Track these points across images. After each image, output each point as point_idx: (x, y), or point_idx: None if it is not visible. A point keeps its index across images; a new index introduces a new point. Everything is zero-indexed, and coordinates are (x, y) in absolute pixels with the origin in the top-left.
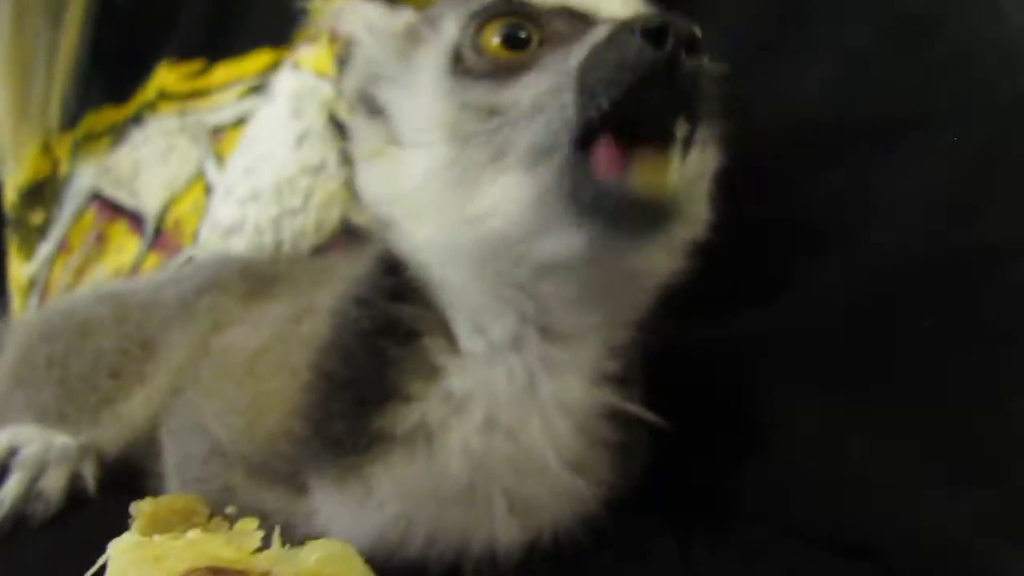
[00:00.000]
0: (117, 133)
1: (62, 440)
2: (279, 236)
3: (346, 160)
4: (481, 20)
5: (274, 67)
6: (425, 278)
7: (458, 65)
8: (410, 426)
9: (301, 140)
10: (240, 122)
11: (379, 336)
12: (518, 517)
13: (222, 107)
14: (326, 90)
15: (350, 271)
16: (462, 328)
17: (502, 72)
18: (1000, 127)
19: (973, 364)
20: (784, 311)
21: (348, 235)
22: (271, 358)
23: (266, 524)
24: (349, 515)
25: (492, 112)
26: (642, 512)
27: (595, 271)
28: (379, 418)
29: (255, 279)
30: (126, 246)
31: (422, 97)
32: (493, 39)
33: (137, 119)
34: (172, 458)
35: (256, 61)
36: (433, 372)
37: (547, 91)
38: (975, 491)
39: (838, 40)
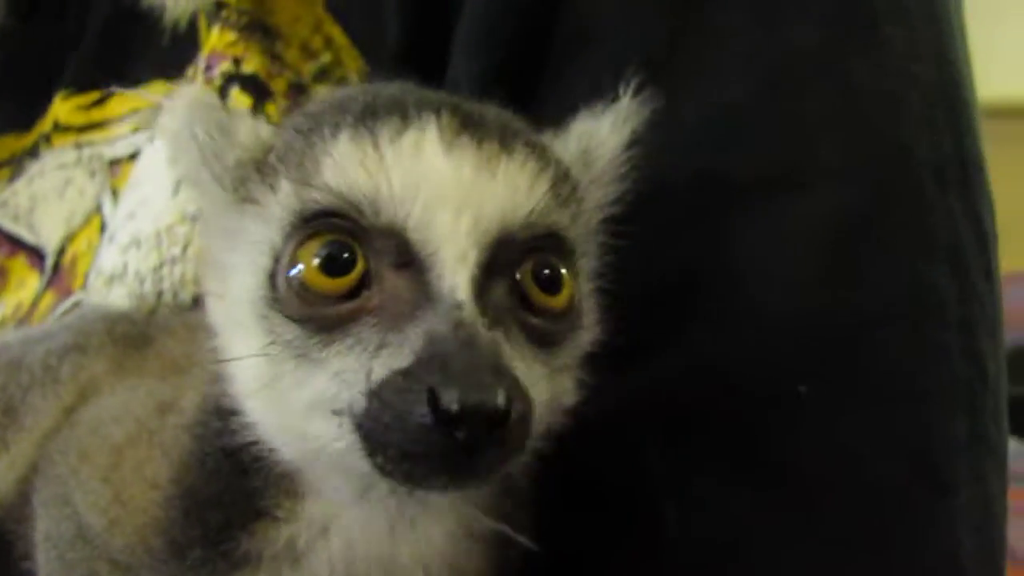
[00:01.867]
0: (16, 164)
1: None
2: (160, 286)
3: None
4: (303, 236)
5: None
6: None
7: (272, 292)
8: (277, 547)
9: (179, 186)
10: (134, 156)
11: (242, 452)
12: None
13: (118, 139)
14: None
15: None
16: (306, 481)
17: (314, 316)
18: (880, 182)
19: (843, 432)
20: (656, 373)
21: None
22: (134, 457)
23: None
24: None
25: (299, 366)
26: None
27: None
28: (245, 538)
29: (124, 343)
30: (27, 281)
31: (237, 289)
32: (313, 259)
33: (33, 151)
34: (42, 529)
35: (151, 93)
36: (298, 494)
37: (337, 405)
38: (852, 558)
39: (710, 90)
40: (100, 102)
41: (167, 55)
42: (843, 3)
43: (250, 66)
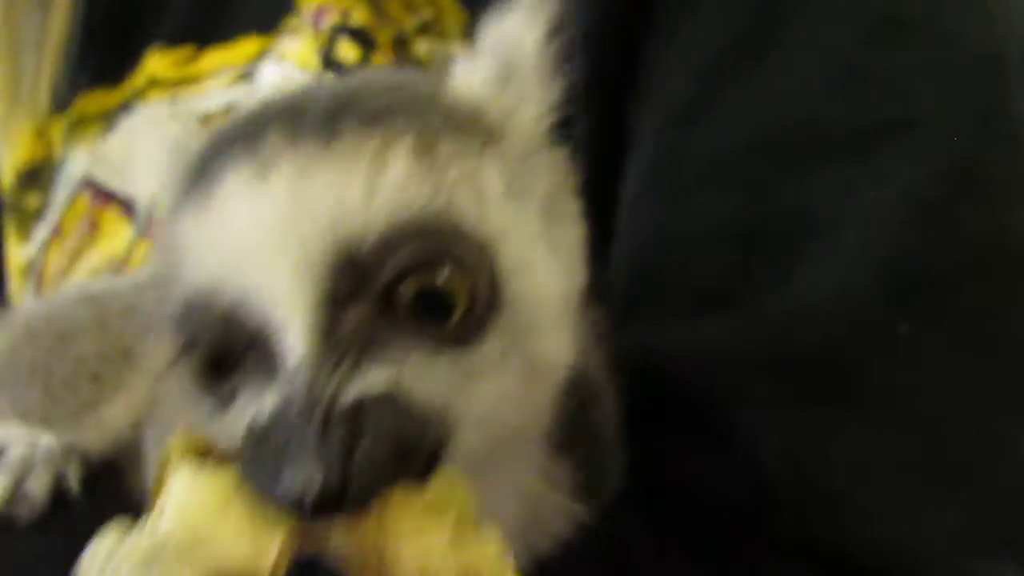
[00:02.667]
0: (108, 119)
1: (46, 441)
2: None
3: None
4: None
5: (262, 55)
6: None
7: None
8: None
9: None
10: (229, 110)
11: None
12: None
13: (211, 94)
14: None
15: None
16: None
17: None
18: (978, 134)
19: (948, 372)
20: (757, 318)
21: None
22: None
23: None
24: None
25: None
26: (619, 519)
27: None
28: None
29: None
30: (119, 232)
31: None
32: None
33: (127, 106)
34: (153, 464)
35: (245, 48)
36: None
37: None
38: (949, 503)
39: (812, 42)
40: (193, 57)
41: (261, 9)
42: None
43: (358, 18)
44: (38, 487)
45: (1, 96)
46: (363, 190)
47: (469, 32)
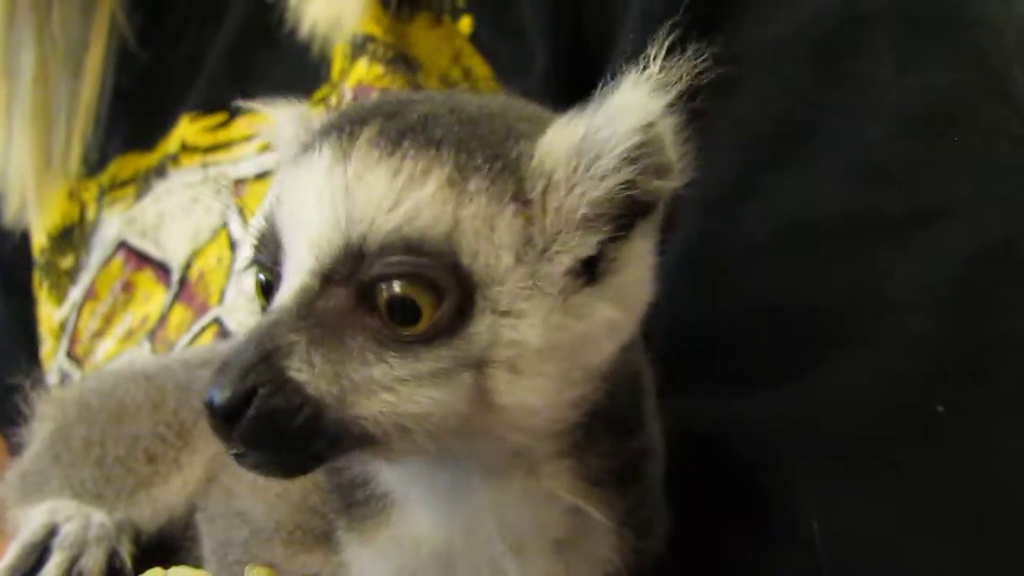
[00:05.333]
0: (141, 182)
1: (99, 518)
2: None
3: None
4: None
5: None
6: None
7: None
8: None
9: None
10: (261, 175)
11: None
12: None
13: (243, 160)
14: None
15: None
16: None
17: None
18: (1015, 216)
19: (984, 452)
20: (798, 396)
21: None
22: None
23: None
24: (371, 565)
25: None
26: None
27: None
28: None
29: None
30: (152, 295)
31: None
32: (258, 285)
33: (160, 170)
34: (210, 542)
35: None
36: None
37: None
38: (1002, 568)
39: (851, 130)
40: (225, 124)
41: (293, 78)
42: (977, 52)
43: None
44: (92, 565)
45: (33, 159)
46: (393, 199)
47: None
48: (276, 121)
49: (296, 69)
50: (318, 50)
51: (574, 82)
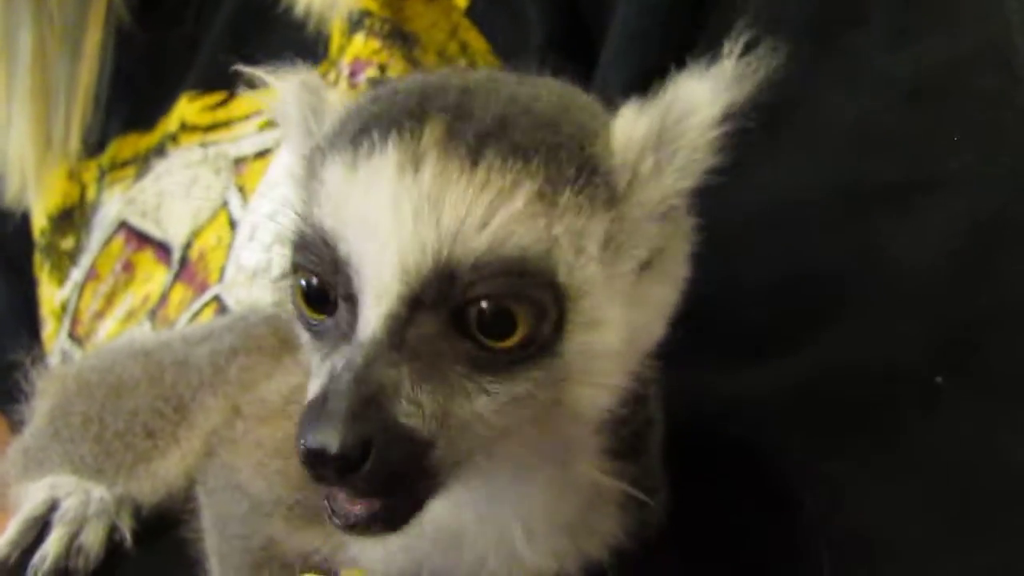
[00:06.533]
0: (141, 163)
1: (99, 493)
2: None
3: None
4: (293, 282)
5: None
6: None
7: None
8: None
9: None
10: (261, 154)
11: None
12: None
13: (243, 138)
14: None
15: None
16: None
17: (310, 327)
18: (1012, 187)
19: (982, 423)
20: (796, 370)
21: None
22: (303, 395)
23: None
24: (374, 544)
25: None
26: (653, 565)
27: None
28: None
29: (287, 335)
30: (153, 275)
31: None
32: (300, 285)
33: (160, 150)
34: (210, 515)
35: (275, 94)
36: None
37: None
38: (982, 552)
39: (849, 104)
40: (225, 103)
41: (291, 56)
42: (976, 21)
43: (395, 72)
44: (93, 540)
45: (33, 141)
46: (483, 217)
47: None
48: (281, 95)
49: (294, 47)
50: (315, 27)
51: (571, 54)
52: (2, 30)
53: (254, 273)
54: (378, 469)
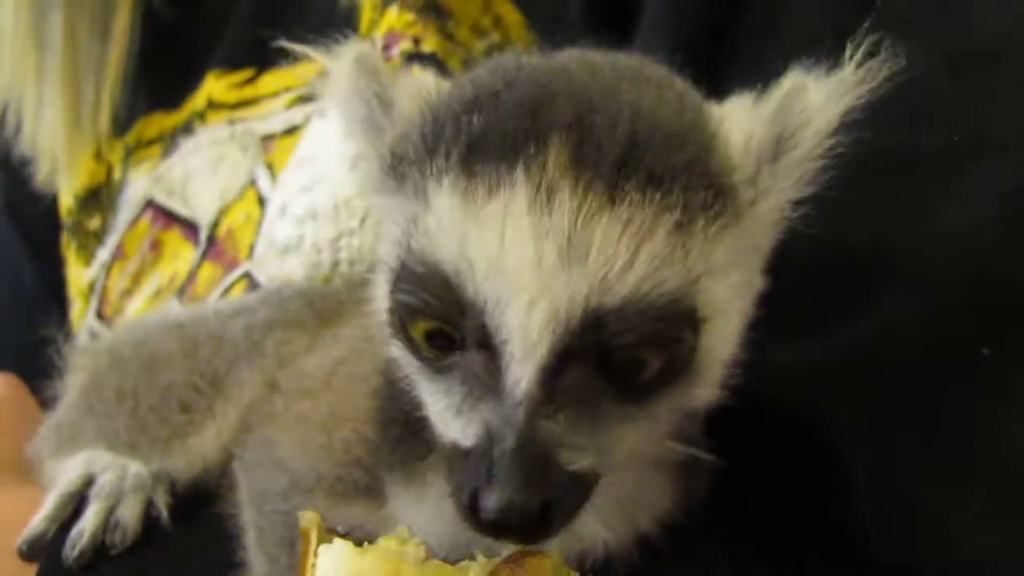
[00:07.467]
0: (167, 141)
1: (135, 468)
2: (336, 256)
3: None
4: (403, 317)
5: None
6: None
7: (394, 330)
8: None
9: (356, 161)
10: (290, 131)
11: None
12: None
13: (271, 115)
14: None
15: None
16: None
17: (422, 357)
18: None
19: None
20: (845, 340)
21: None
22: (347, 369)
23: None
24: (422, 518)
25: (422, 383)
26: (701, 537)
27: None
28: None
29: (322, 309)
30: (181, 253)
31: (381, 283)
32: (419, 335)
33: (187, 128)
34: (248, 490)
35: (305, 69)
36: None
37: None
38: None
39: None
40: (252, 80)
41: (321, 31)
42: None
43: (428, 45)
44: (129, 515)
45: (63, 122)
46: (627, 259)
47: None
48: (333, 74)
49: (324, 23)
50: (347, 2)
51: (607, 22)
52: (34, 14)
53: (285, 248)
54: (560, 521)
